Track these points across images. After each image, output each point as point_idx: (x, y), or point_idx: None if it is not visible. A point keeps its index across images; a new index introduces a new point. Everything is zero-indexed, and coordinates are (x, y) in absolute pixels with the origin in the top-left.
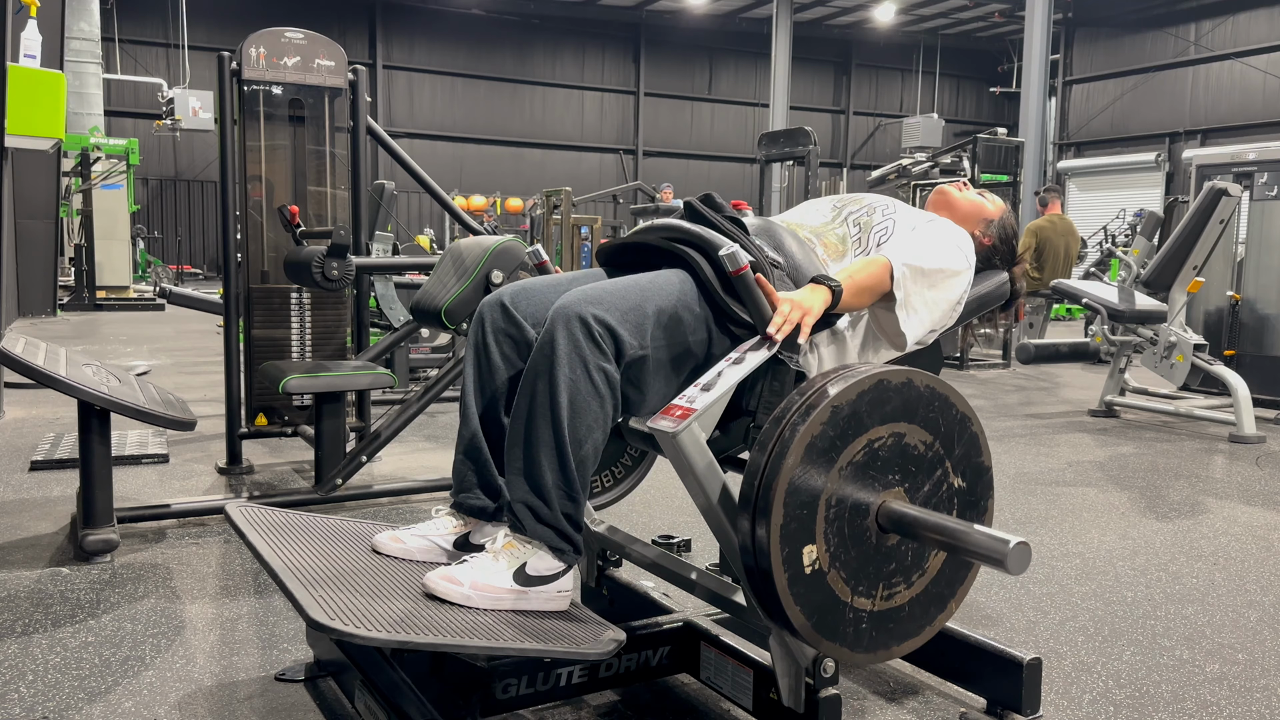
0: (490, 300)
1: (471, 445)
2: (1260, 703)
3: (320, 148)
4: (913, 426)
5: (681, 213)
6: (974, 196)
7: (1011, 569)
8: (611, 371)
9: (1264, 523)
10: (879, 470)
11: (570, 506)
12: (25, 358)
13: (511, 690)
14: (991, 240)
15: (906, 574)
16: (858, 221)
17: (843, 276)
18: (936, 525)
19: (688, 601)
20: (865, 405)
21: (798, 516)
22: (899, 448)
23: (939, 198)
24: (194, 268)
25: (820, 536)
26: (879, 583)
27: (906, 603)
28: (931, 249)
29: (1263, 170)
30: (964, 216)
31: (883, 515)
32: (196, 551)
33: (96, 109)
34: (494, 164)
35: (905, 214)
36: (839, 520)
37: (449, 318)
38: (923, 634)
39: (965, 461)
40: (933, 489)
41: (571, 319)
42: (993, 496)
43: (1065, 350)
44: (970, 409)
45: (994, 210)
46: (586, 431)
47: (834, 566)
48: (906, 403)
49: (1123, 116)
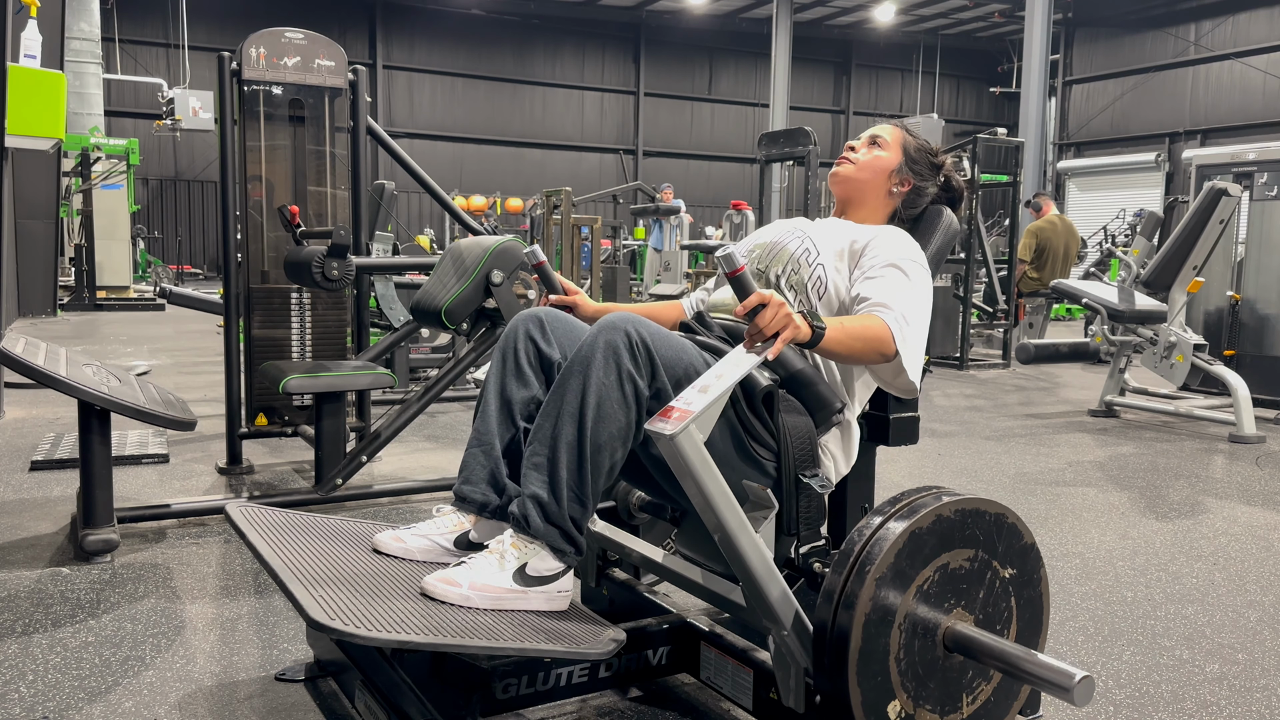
0: (529, 313)
1: (485, 440)
2: (1260, 703)
3: (320, 148)
4: (953, 552)
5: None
6: (866, 157)
7: (1078, 702)
8: (641, 386)
9: (1264, 523)
10: (935, 602)
11: (578, 510)
12: (25, 358)
13: (512, 690)
14: (910, 181)
15: (985, 671)
16: (790, 285)
17: (834, 323)
18: (998, 651)
19: (688, 601)
20: (905, 560)
21: (874, 685)
22: (947, 576)
23: (839, 187)
24: (194, 268)
25: (899, 689)
26: (962, 693)
27: (992, 694)
28: (911, 291)
29: (1263, 170)
30: (871, 187)
31: (949, 640)
32: (196, 551)
33: (96, 109)
34: (494, 164)
35: (826, 250)
36: (910, 664)
37: (449, 318)
38: (1011, 711)
39: (1010, 551)
40: (987, 593)
41: (616, 329)
42: (1044, 566)
43: (1065, 350)
44: (1003, 507)
45: (890, 154)
46: (608, 439)
47: (919, 705)
48: (941, 537)
49: (1123, 116)
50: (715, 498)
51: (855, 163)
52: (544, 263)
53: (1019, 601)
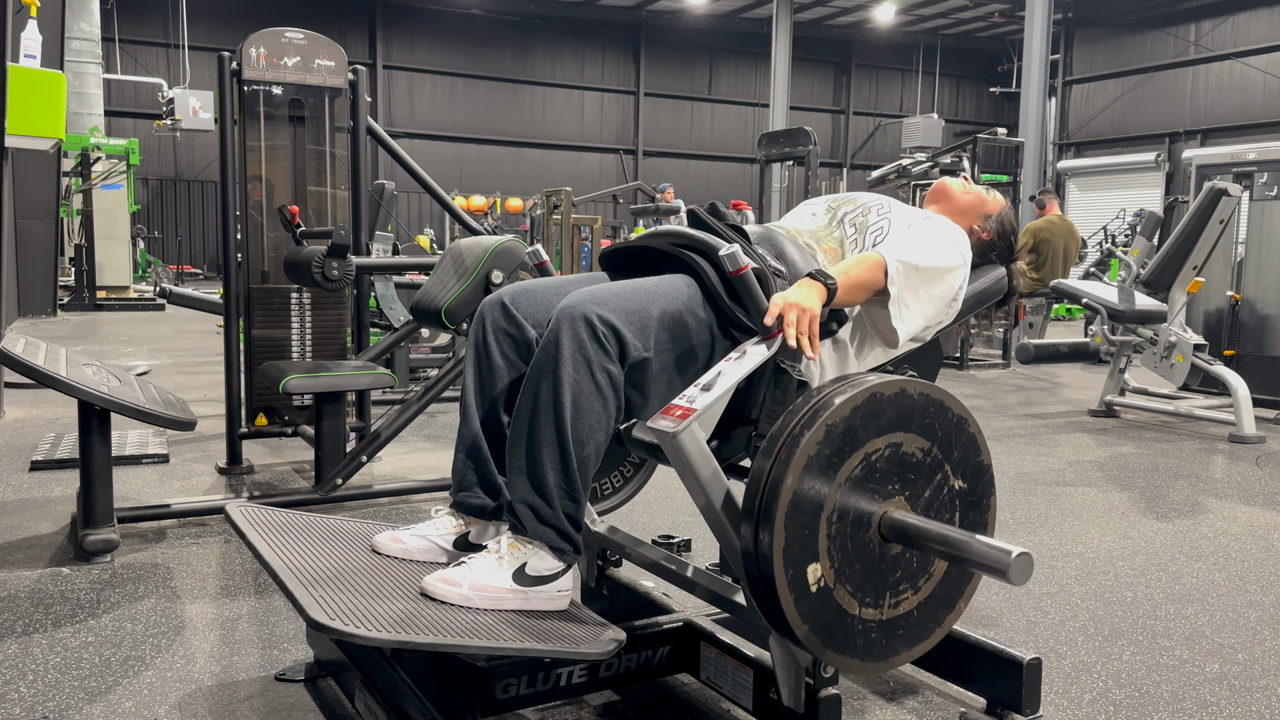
0: (491, 300)
1: (472, 445)
2: (1260, 703)
3: (320, 148)
4: (909, 435)
5: (685, 219)
6: (976, 189)
7: (1014, 580)
8: (615, 372)
9: (1264, 523)
10: (879, 482)
11: (571, 507)
12: (25, 358)
13: (512, 690)
14: (990, 235)
15: (913, 580)
16: (854, 223)
17: (837, 272)
18: (938, 535)
19: (688, 601)
20: (860, 420)
21: (800, 537)
22: (897, 457)
23: (938, 191)
24: (194, 268)
25: (824, 554)
26: (885, 592)
27: (915, 608)
28: (926, 245)
29: (1263, 170)
30: (962, 211)
31: (885, 526)
32: (196, 551)
33: (96, 109)
34: (494, 164)
35: (901, 212)
36: (841, 536)
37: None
38: (932, 637)
39: (965, 463)
40: (934, 494)
41: (576, 319)
42: (994, 494)
43: (1065, 350)
44: (966, 411)
45: (994, 205)
46: (589, 432)
47: (840, 582)
48: (901, 412)
49: (1123, 116)
50: (716, 497)
51: (965, 186)
52: (545, 263)
53: (964, 522)
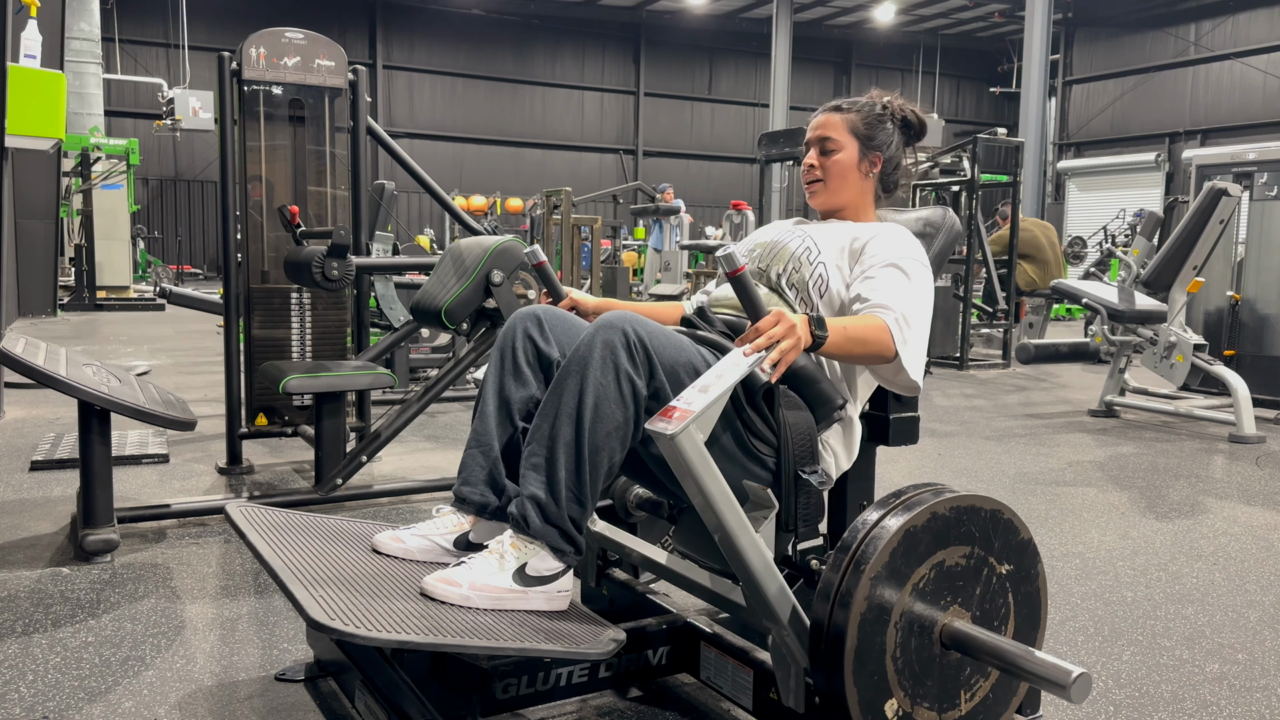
0: (526, 311)
1: (483, 440)
2: (1260, 703)
3: (320, 148)
4: (949, 550)
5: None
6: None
7: (1075, 699)
8: (640, 385)
9: (1264, 523)
10: (930, 601)
11: (577, 510)
12: (25, 358)
13: (512, 690)
14: (878, 158)
15: (983, 669)
16: (791, 284)
17: (835, 325)
18: (993, 649)
19: (688, 602)
20: (900, 559)
21: (871, 684)
22: (943, 574)
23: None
24: (194, 268)
25: (895, 686)
26: (959, 690)
27: (990, 689)
28: (911, 291)
29: (1263, 170)
30: (848, 186)
31: (946, 637)
32: (196, 551)
33: (96, 109)
34: (494, 164)
35: (828, 249)
36: (908, 665)
37: (449, 318)
38: (1011, 705)
39: (1007, 548)
40: (984, 589)
41: (614, 328)
42: (1040, 561)
43: (1065, 350)
44: (998, 503)
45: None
46: (605, 438)
47: (917, 703)
48: (936, 535)
49: (1123, 116)
50: (715, 497)
51: (823, 180)
52: (544, 263)
53: (1016, 598)
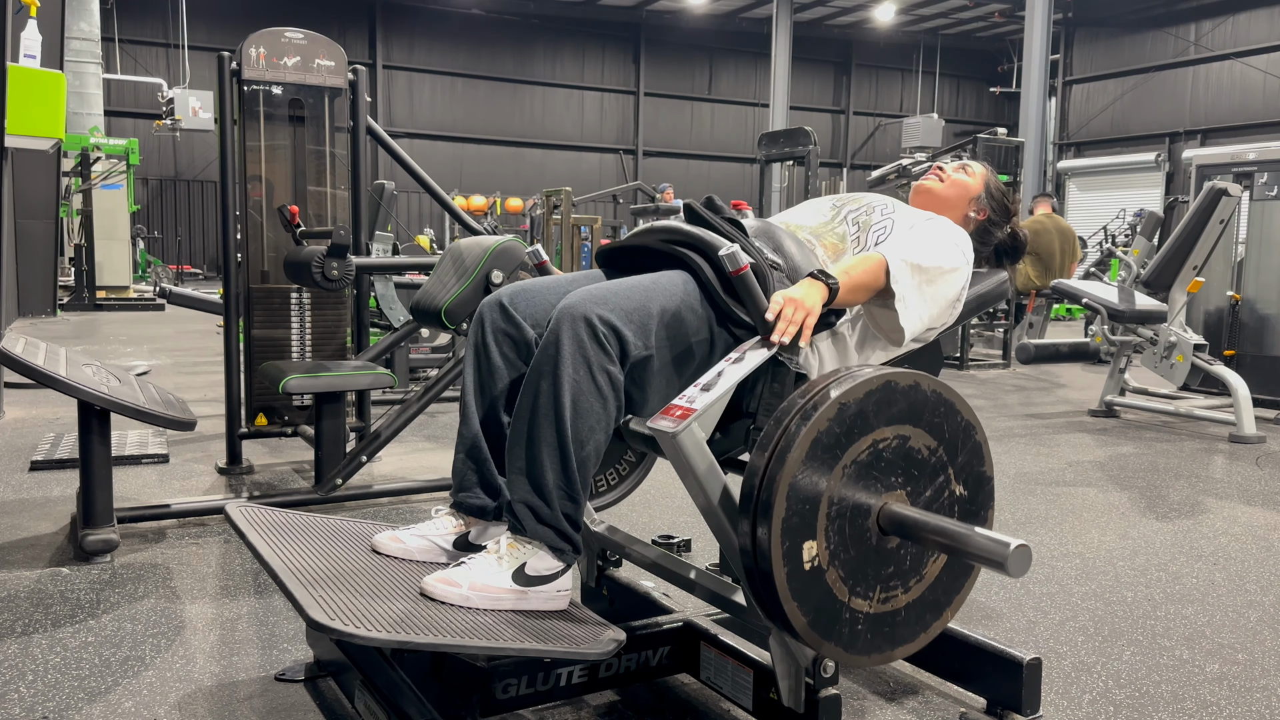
0: (489, 301)
1: (472, 445)
2: (1260, 703)
3: (320, 148)
4: (918, 430)
5: (681, 214)
6: (955, 178)
7: (1012, 571)
8: (615, 373)
9: (1264, 523)
10: (882, 472)
11: (570, 507)
12: (25, 358)
13: (511, 690)
14: (985, 213)
15: (904, 578)
16: (856, 220)
17: (838, 272)
18: (937, 527)
19: (688, 601)
20: (871, 405)
21: (799, 512)
22: (903, 451)
23: (920, 196)
24: (194, 268)
25: (821, 534)
26: (877, 585)
27: (903, 607)
28: (928, 246)
29: (1263, 170)
30: (952, 204)
31: (884, 517)
32: (196, 551)
33: (96, 109)
34: (494, 164)
35: (904, 213)
36: (840, 519)
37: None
38: (918, 640)
39: (968, 469)
40: (934, 494)
41: (577, 319)
42: (993, 507)
43: (1065, 350)
44: (975, 417)
45: (976, 183)
46: (589, 432)
47: (833, 565)
48: (912, 406)
49: (1123, 116)
50: (716, 496)
51: (943, 180)
52: (545, 263)
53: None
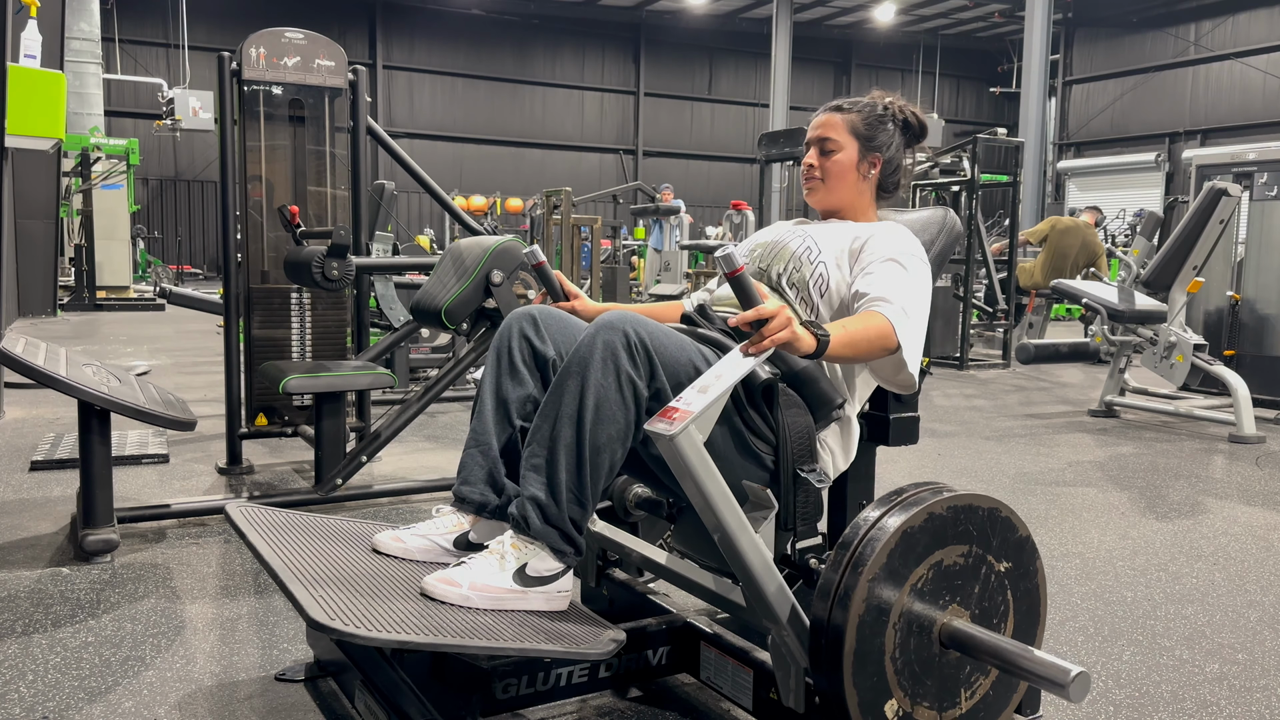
0: (522, 311)
1: (482, 440)
2: (1260, 703)
3: (320, 148)
4: (947, 549)
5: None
6: (828, 164)
7: (1074, 698)
8: (640, 386)
9: (1264, 523)
10: (930, 600)
11: (578, 511)
12: (25, 358)
13: (512, 690)
14: (877, 158)
15: (984, 669)
16: (791, 283)
17: (835, 328)
18: (992, 648)
19: (688, 602)
20: (898, 560)
21: (870, 685)
22: (941, 573)
23: (820, 207)
24: (194, 268)
25: (895, 687)
26: (960, 688)
27: (991, 687)
28: (910, 284)
29: (1263, 170)
30: (848, 187)
31: (944, 636)
32: (196, 551)
33: (96, 109)
34: (494, 164)
35: (829, 248)
36: (908, 665)
37: (449, 318)
38: (1011, 703)
39: (1005, 545)
40: (983, 587)
41: (615, 329)
42: (1039, 557)
43: (1065, 350)
44: (995, 501)
45: (846, 149)
46: (606, 440)
47: (917, 703)
48: (934, 535)
49: (1123, 116)
50: (715, 498)
51: (821, 179)
52: (544, 263)
53: (1015, 596)
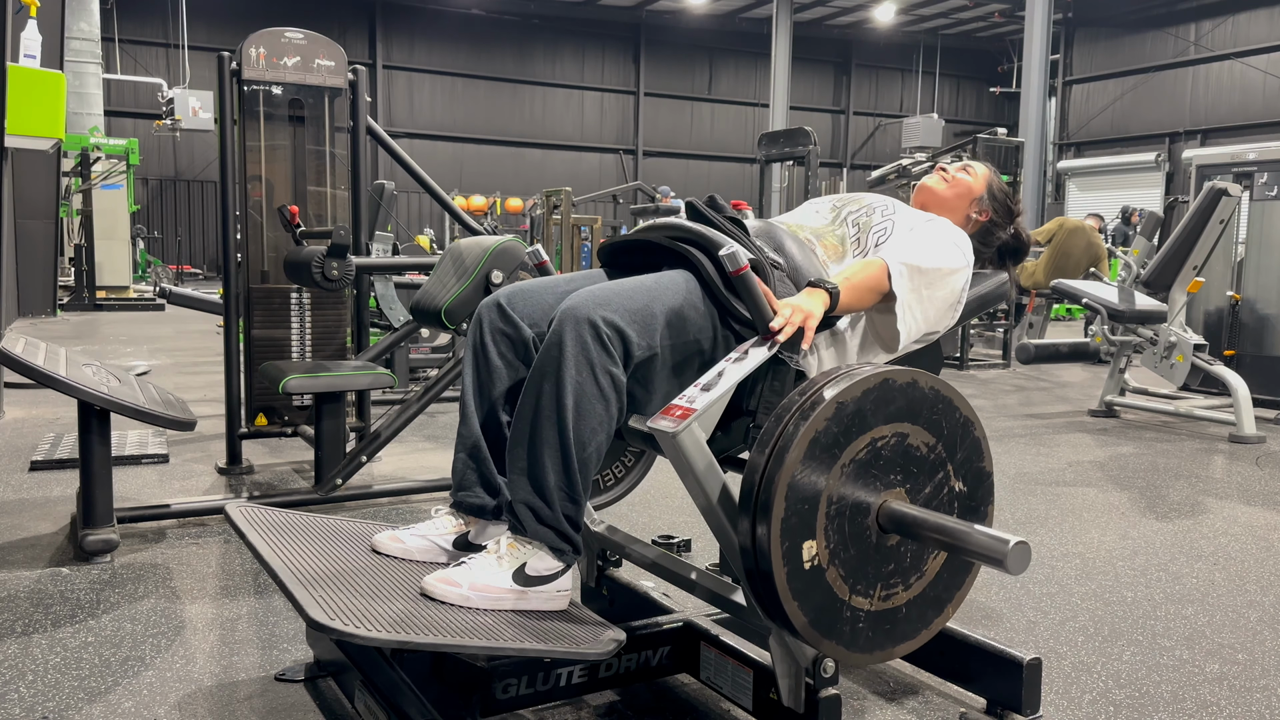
0: (488, 302)
1: (472, 445)
2: (1260, 703)
3: (320, 148)
4: (916, 427)
5: (683, 212)
6: (958, 177)
7: (1011, 569)
8: (618, 375)
9: (1264, 523)
10: (881, 470)
11: (571, 508)
12: (25, 358)
13: (511, 690)
14: (988, 214)
15: (905, 576)
16: (856, 222)
17: (839, 279)
18: (937, 525)
19: (688, 601)
20: (870, 403)
21: (798, 512)
22: (902, 448)
23: (922, 195)
24: (194, 268)
25: (820, 533)
26: (877, 583)
27: (904, 604)
28: (928, 248)
29: (1263, 170)
30: (953, 205)
31: (883, 515)
32: (196, 551)
33: (96, 109)
34: (494, 164)
35: (904, 214)
36: (839, 518)
37: (449, 318)
38: (919, 636)
39: (967, 465)
40: (934, 491)
41: (581, 321)
42: (993, 502)
43: (1065, 350)
44: (974, 413)
45: (979, 184)
46: (590, 434)
47: (833, 564)
48: (911, 403)
49: (1123, 116)
50: (716, 496)
51: (946, 180)
52: (545, 263)
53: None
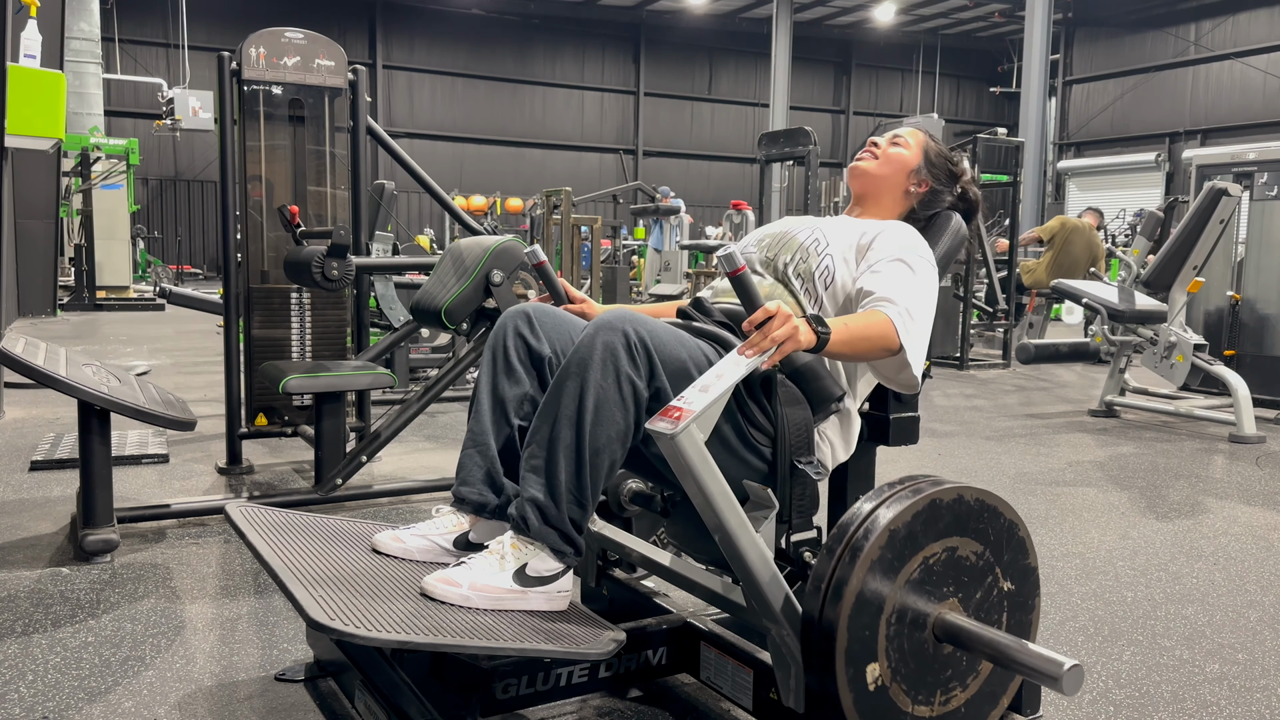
0: (516, 309)
1: (480, 441)
2: (1260, 703)
3: (320, 148)
4: (964, 539)
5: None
6: (891, 152)
7: (1066, 690)
8: (640, 387)
9: (1264, 523)
10: (934, 584)
11: (578, 512)
12: (25, 358)
13: (511, 690)
14: (928, 184)
15: (962, 678)
16: (798, 273)
17: (837, 324)
18: (990, 641)
19: (688, 602)
20: (920, 525)
21: (860, 639)
22: (952, 560)
23: (858, 182)
24: (194, 268)
25: (881, 654)
26: (936, 689)
27: (963, 705)
28: (914, 283)
29: (1263, 170)
30: (892, 184)
31: (938, 628)
32: (196, 551)
33: (96, 109)
34: (494, 164)
35: (836, 242)
36: (898, 637)
37: (449, 318)
38: (1005, 698)
39: (1014, 565)
40: (984, 595)
41: (614, 328)
42: (1039, 595)
43: (1065, 350)
44: (1017, 515)
45: (913, 155)
46: (606, 441)
47: (895, 680)
48: (958, 517)
49: (1123, 116)
50: (715, 497)
51: (878, 157)
52: (544, 263)
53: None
